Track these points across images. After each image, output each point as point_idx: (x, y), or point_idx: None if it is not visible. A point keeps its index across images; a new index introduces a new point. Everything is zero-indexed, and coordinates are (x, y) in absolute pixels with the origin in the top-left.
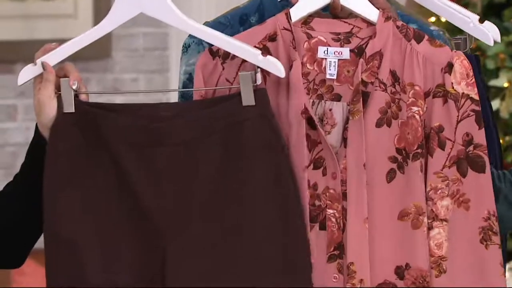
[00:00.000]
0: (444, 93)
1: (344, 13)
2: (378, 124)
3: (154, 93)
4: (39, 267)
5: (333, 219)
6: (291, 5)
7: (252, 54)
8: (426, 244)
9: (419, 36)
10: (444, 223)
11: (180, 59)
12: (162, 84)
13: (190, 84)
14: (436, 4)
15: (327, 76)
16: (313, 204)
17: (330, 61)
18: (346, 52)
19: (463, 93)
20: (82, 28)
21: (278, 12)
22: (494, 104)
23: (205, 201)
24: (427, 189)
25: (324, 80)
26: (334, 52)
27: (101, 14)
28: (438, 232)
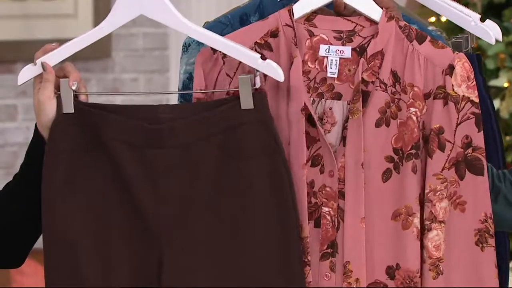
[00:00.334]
0: (444, 95)
1: (348, 11)
2: (377, 124)
3: (154, 94)
4: (39, 267)
5: (328, 217)
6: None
7: (252, 58)
8: (416, 245)
9: (421, 37)
10: (443, 225)
11: (180, 58)
12: (162, 84)
13: (191, 84)
14: (438, 3)
15: (328, 75)
16: (309, 202)
17: (332, 60)
18: (347, 51)
19: (463, 95)
20: (82, 28)
21: None
22: (494, 104)
23: (203, 203)
24: (426, 190)
25: (325, 79)
26: (336, 51)
27: (101, 14)
28: (436, 234)
